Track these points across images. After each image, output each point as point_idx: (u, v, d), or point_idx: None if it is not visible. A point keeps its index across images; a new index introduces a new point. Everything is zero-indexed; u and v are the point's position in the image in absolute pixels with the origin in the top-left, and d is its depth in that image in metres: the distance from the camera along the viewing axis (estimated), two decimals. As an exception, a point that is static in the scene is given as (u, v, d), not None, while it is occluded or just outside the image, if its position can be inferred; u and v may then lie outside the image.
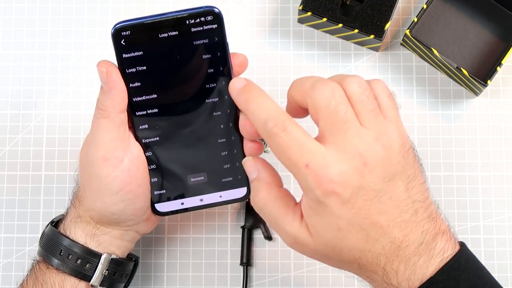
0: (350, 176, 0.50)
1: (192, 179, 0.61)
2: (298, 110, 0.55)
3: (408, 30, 0.71)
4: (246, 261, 0.71)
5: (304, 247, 0.54)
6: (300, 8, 0.73)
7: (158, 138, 0.60)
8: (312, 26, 0.76)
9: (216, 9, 0.56)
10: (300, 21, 0.76)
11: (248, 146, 0.59)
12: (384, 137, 0.52)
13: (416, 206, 0.52)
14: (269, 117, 0.52)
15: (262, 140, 0.71)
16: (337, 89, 0.52)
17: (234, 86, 0.56)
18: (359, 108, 0.52)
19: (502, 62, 0.71)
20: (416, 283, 0.51)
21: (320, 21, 0.73)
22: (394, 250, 0.51)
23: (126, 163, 0.58)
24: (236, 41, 0.76)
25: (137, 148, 0.59)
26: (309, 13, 0.73)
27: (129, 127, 0.59)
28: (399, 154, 0.52)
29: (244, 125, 0.58)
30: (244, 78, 0.57)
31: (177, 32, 0.57)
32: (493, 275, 0.55)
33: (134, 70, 0.57)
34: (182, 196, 0.61)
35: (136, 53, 0.57)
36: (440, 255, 0.52)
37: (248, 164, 0.57)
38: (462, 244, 0.54)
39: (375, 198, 0.51)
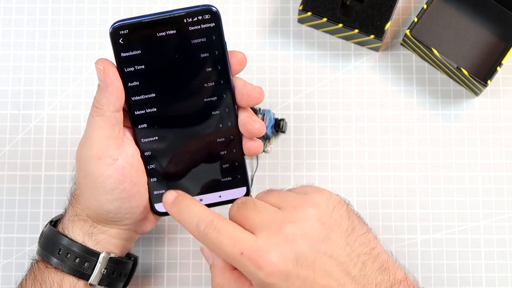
0: (284, 248, 0.51)
1: (191, 179, 0.61)
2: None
3: (408, 30, 0.71)
4: (246, 261, 0.71)
5: None
6: (300, 8, 0.73)
7: (156, 138, 0.60)
8: (312, 26, 0.76)
9: (213, 8, 0.56)
10: (300, 21, 0.76)
11: (247, 145, 0.59)
12: (307, 200, 0.54)
13: (363, 259, 0.52)
14: (199, 220, 0.54)
15: (262, 138, 0.71)
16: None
17: (166, 201, 0.58)
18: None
19: (502, 62, 0.71)
20: None
21: (320, 21, 0.73)
22: None
23: (120, 161, 0.58)
24: (236, 41, 0.76)
25: (131, 147, 0.59)
26: (309, 13, 0.73)
27: (128, 126, 0.60)
28: (327, 210, 0.53)
29: (244, 124, 0.58)
30: (174, 190, 0.59)
31: (175, 31, 0.57)
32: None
33: (132, 69, 0.57)
34: (181, 196, 0.61)
35: (134, 52, 0.57)
36: None
37: (205, 251, 0.58)
38: None
39: (316, 261, 0.51)
